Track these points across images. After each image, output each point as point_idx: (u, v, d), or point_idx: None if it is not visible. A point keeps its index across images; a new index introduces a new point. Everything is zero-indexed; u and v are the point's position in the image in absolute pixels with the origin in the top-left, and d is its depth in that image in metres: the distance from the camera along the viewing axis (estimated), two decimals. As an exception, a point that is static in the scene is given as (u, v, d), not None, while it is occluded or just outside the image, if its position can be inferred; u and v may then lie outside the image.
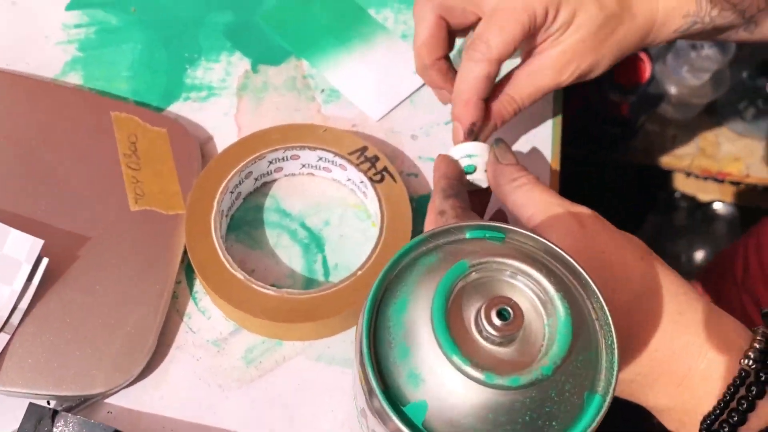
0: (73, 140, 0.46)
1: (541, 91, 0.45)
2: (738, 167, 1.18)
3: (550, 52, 0.44)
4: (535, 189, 0.38)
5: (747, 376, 0.32)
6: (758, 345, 0.32)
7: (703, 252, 1.60)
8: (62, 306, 0.41)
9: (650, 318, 0.34)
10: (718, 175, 1.18)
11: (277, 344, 0.43)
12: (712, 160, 1.18)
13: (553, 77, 0.45)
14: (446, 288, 0.21)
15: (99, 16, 0.55)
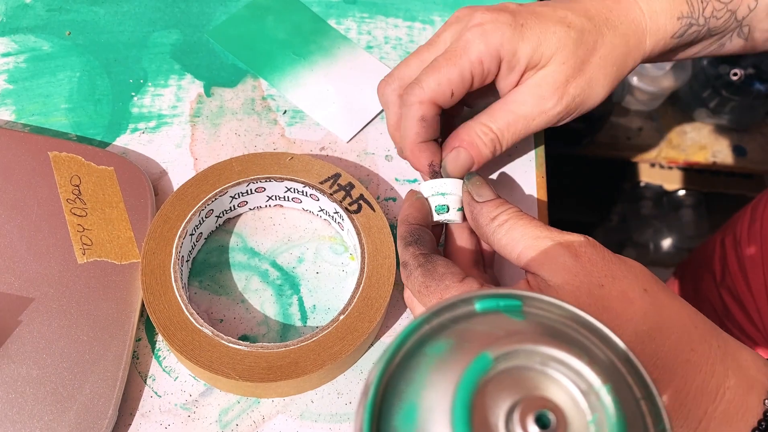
0: (6, 187, 0.41)
1: (522, 120, 0.42)
2: (704, 155, 1.17)
3: (531, 80, 0.42)
4: (518, 224, 0.35)
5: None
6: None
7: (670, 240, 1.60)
8: (3, 382, 0.36)
9: (658, 359, 0.31)
10: (684, 164, 1.17)
11: (254, 402, 0.39)
12: (678, 150, 1.17)
13: (533, 103, 0.41)
14: (468, 390, 0.17)
15: (29, 42, 0.50)
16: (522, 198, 0.47)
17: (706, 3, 0.45)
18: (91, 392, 0.36)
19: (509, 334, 0.18)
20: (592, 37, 0.42)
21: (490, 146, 0.42)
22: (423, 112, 0.41)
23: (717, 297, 0.72)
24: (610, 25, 0.43)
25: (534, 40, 0.41)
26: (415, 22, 0.54)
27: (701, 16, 0.45)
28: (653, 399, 0.19)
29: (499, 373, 0.18)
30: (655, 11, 0.44)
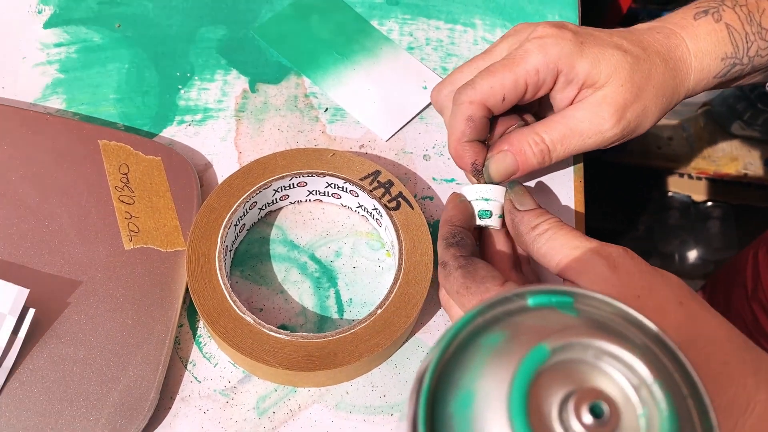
0: (58, 174, 0.42)
1: (577, 135, 0.42)
2: (736, 167, 1.17)
3: (591, 99, 0.42)
4: (559, 234, 0.36)
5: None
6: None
7: (696, 251, 1.59)
8: (52, 361, 0.37)
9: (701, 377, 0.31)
10: (714, 175, 1.16)
11: (291, 391, 0.40)
12: (709, 160, 1.16)
13: (592, 121, 0.42)
14: (526, 379, 0.18)
15: (81, 33, 0.51)
16: (559, 204, 0.47)
17: (751, 43, 0.45)
18: (135, 374, 0.38)
19: (563, 328, 0.19)
20: (646, 66, 0.42)
21: (538, 156, 0.42)
22: (471, 112, 0.41)
23: (748, 310, 0.71)
24: (661, 57, 0.43)
25: (592, 59, 0.41)
26: (456, 24, 0.54)
27: (746, 56, 0.45)
28: (700, 397, 0.19)
29: (553, 365, 0.18)
30: (701, 51, 0.44)
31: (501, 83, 0.41)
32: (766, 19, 0.45)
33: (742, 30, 0.45)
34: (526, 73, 0.41)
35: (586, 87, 0.42)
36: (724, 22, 0.45)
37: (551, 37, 0.41)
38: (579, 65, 0.41)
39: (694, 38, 0.44)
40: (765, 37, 0.45)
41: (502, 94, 0.41)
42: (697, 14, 0.45)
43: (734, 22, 0.45)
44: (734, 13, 0.45)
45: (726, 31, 0.45)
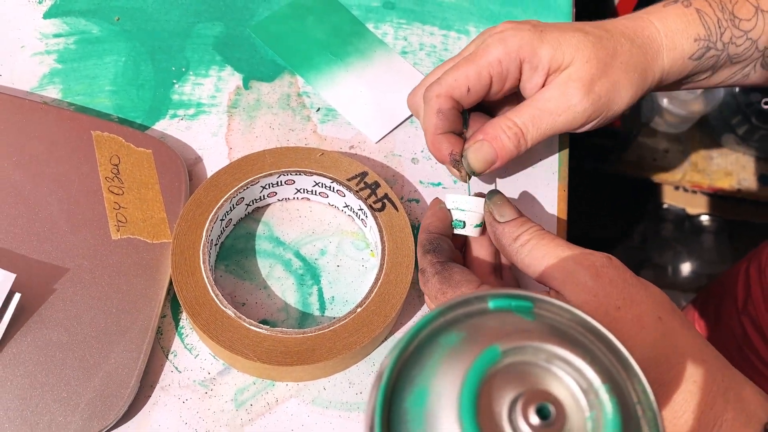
0: (50, 162, 0.43)
1: (546, 113, 0.43)
2: (730, 182, 1.17)
3: (555, 79, 0.43)
4: (541, 243, 0.36)
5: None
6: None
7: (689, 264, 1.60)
8: (35, 345, 0.38)
9: (660, 386, 0.32)
10: (709, 189, 1.17)
11: (269, 385, 0.40)
12: (704, 174, 1.17)
13: (560, 99, 0.42)
14: (476, 379, 0.18)
15: (80, 25, 0.52)
16: (542, 211, 0.48)
17: (724, 29, 0.46)
18: (116, 362, 0.38)
19: (518, 331, 0.20)
20: (610, 44, 0.43)
21: (513, 140, 0.42)
22: (439, 105, 0.43)
23: (738, 324, 0.72)
24: (626, 37, 0.44)
25: (553, 43, 0.42)
26: (450, 31, 0.55)
27: (719, 41, 0.46)
28: (651, 405, 0.20)
29: (506, 366, 0.19)
30: (671, 30, 0.45)
31: (465, 75, 0.42)
32: (739, 9, 0.46)
33: (713, 15, 0.46)
34: (489, 64, 0.42)
35: (552, 72, 0.43)
36: (694, 7, 0.46)
37: (510, 30, 0.43)
38: (541, 51, 0.42)
39: (662, 20, 0.45)
40: (739, 26, 0.46)
41: (466, 86, 0.42)
42: (666, 3, 0.46)
43: (705, 8, 0.46)
44: (705, 1, 0.46)
45: (696, 15, 0.45)
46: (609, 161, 1.17)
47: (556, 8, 0.57)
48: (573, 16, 0.57)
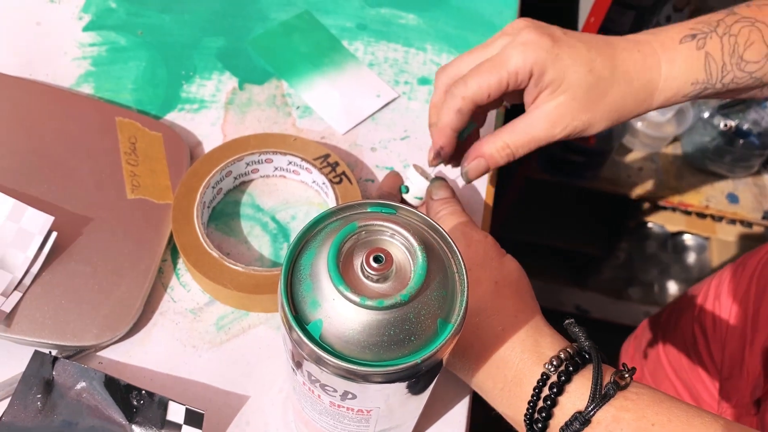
0: (83, 139, 0.55)
1: (535, 141, 0.49)
2: (699, 199, 1.27)
3: (544, 107, 0.48)
4: (449, 217, 0.48)
5: (548, 378, 0.39)
6: (562, 354, 0.39)
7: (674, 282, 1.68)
8: (66, 272, 0.49)
9: (479, 332, 0.42)
10: (679, 205, 1.27)
11: (244, 315, 0.51)
12: (674, 191, 1.27)
13: (546, 129, 0.49)
14: (340, 239, 0.29)
15: (111, 37, 0.65)
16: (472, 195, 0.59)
17: (727, 72, 0.49)
18: (126, 290, 0.50)
19: (376, 219, 0.31)
20: (606, 86, 0.48)
21: (505, 158, 0.51)
22: (461, 105, 0.48)
23: (690, 331, 0.81)
24: (626, 80, 0.48)
25: (560, 70, 0.47)
26: (411, 48, 0.67)
27: (719, 83, 0.49)
28: (461, 269, 0.31)
29: (362, 237, 0.30)
30: (673, 76, 0.48)
31: (488, 84, 0.47)
32: (749, 52, 0.48)
33: (720, 60, 0.48)
34: (508, 74, 0.47)
35: (545, 88, 0.48)
36: (705, 51, 0.48)
37: (532, 45, 0.47)
38: (548, 74, 0.47)
39: (670, 62, 0.49)
40: (743, 69, 0.49)
41: (488, 93, 0.48)
42: (684, 37, 0.49)
43: (715, 52, 0.48)
44: (720, 42, 0.48)
45: (704, 60, 0.48)
46: (585, 177, 1.28)
47: (502, 31, 0.69)
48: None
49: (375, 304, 0.28)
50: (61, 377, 0.45)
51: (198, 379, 0.48)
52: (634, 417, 0.37)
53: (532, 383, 0.40)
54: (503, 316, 0.42)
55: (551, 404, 0.39)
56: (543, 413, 0.39)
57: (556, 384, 0.38)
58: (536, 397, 0.39)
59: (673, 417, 0.37)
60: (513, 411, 0.41)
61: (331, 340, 0.29)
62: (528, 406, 0.39)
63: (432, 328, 0.29)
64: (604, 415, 0.37)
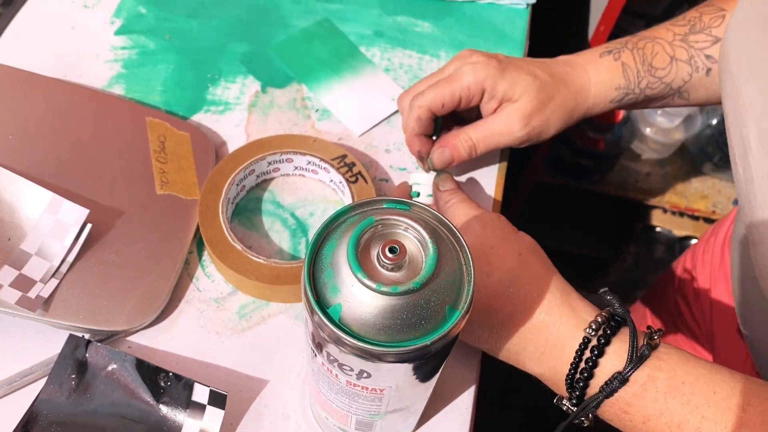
0: (116, 137, 0.59)
1: (494, 135, 0.57)
2: (705, 204, 1.29)
3: (505, 110, 0.57)
4: (460, 205, 0.52)
5: (589, 341, 0.43)
6: (599, 318, 0.43)
7: (683, 286, 1.69)
8: (99, 261, 0.53)
9: (516, 301, 0.45)
10: (686, 210, 1.29)
11: (264, 304, 0.55)
12: (681, 196, 1.29)
13: (506, 126, 0.57)
14: (359, 232, 0.32)
15: (141, 41, 0.68)
16: (482, 191, 0.62)
17: (642, 78, 0.59)
18: (154, 279, 0.53)
19: (391, 214, 0.34)
20: (551, 89, 0.57)
21: (467, 150, 0.57)
22: (420, 114, 0.57)
23: (672, 299, 0.85)
24: (564, 84, 0.58)
25: (510, 81, 0.56)
26: (425, 54, 0.70)
27: (637, 87, 0.59)
28: (468, 261, 0.34)
29: (379, 230, 0.33)
30: (599, 81, 0.59)
31: (442, 95, 0.56)
32: (656, 60, 0.59)
33: (634, 68, 0.59)
34: (461, 88, 0.56)
35: (505, 101, 0.57)
36: (621, 61, 0.59)
37: (481, 64, 0.56)
38: (499, 85, 0.56)
39: (595, 71, 0.59)
40: (654, 74, 0.59)
41: (442, 103, 0.56)
42: (602, 53, 0.60)
43: (629, 61, 0.59)
44: (631, 54, 0.59)
45: (621, 69, 0.59)
46: (592, 181, 1.30)
47: (513, 40, 0.72)
48: (526, 47, 0.72)
49: (389, 290, 0.31)
50: (94, 359, 0.49)
51: (221, 364, 0.52)
52: (666, 376, 0.41)
53: (574, 346, 0.43)
54: (535, 283, 0.45)
55: (593, 365, 0.42)
56: (585, 374, 0.42)
57: (596, 346, 0.42)
58: (578, 359, 0.43)
59: (699, 375, 0.41)
60: (552, 372, 0.44)
61: (349, 323, 0.32)
62: (570, 368, 0.43)
63: (441, 313, 0.32)
64: (640, 375, 0.41)
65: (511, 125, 0.57)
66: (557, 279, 0.47)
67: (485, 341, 0.47)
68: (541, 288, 0.45)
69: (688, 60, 0.59)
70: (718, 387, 0.40)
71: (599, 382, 0.42)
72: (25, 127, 0.57)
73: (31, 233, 0.51)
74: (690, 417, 0.40)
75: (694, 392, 0.40)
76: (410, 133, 0.58)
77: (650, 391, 0.41)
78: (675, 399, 0.40)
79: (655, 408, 0.41)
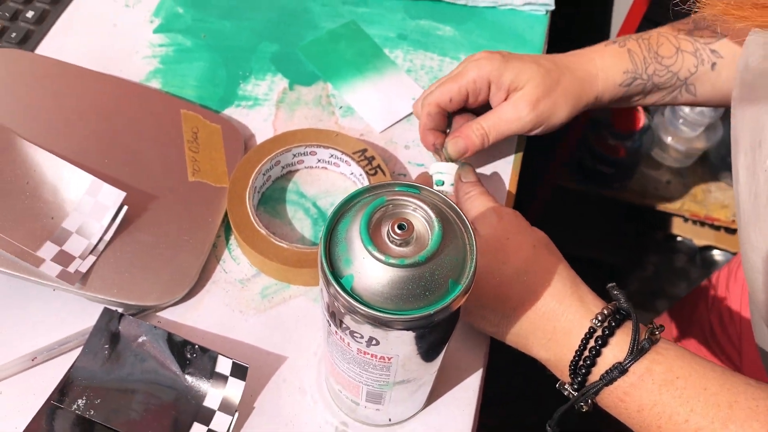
0: (152, 127, 0.63)
1: (504, 122, 0.60)
2: (725, 214, 1.30)
3: (513, 98, 0.60)
4: (479, 198, 0.54)
5: (595, 332, 0.45)
6: (606, 311, 0.46)
7: (704, 297, 1.69)
8: (133, 241, 0.57)
9: (529, 289, 0.48)
10: (706, 219, 1.30)
11: (285, 287, 0.58)
12: (701, 205, 1.30)
13: (514, 112, 0.60)
14: (371, 210, 0.36)
15: (178, 39, 0.73)
16: (497, 185, 0.65)
17: (649, 63, 0.61)
18: (184, 259, 0.57)
19: (402, 195, 0.37)
20: (556, 75, 0.60)
21: (480, 138, 0.60)
22: (429, 110, 0.61)
23: (707, 321, 0.85)
24: (569, 70, 0.61)
25: (515, 71, 0.59)
26: (446, 57, 0.73)
27: (644, 73, 0.62)
28: (471, 240, 0.37)
29: (389, 209, 0.37)
30: (606, 65, 0.61)
31: (449, 90, 0.60)
32: (662, 49, 0.61)
33: (640, 54, 0.61)
34: (466, 83, 0.59)
35: (512, 90, 0.60)
36: (627, 48, 0.62)
37: (484, 59, 0.60)
38: (504, 76, 0.59)
39: (600, 57, 0.62)
40: (661, 62, 0.61)
41: (449, 98, 0.60)
42: (607, 44, 0.63)
43: (635, 48, 0.61)
44: (636, 43, 0.62)
45: (627, 54, 0.61)
46: (612, 188, 1.32)
47: (531, 45, 0.75)
48: (544, 51, 0.75)
49: (397, 262, 0.34)
50: (126, 331, 0.52)
51: (243, 340, 0.55)
52: (662, 369, 0.43)
53: (579, 335, 0.46)
54: (547, 273, 0.48)
55: (596, 354, 0.45)
56: (587, 361, 0.45)
57: (601, 337, 0.45)
58: (583, 347, 0.45)
59: (693, 371, 0.43)
60: (558, 358, 0.47)
61: (360, 292, 0.35)
62: (574, 355, 0.45)
63: (444, 286, 0.35)
64: (638, 366, 0.43)
65: (519, 110, 0.59)
66: (568, 271, 0.49)
67: (496, 325, 0.50)
68: (553, 278, 0.48)
69: (693, 52, 0.61)
70: (709, 383, 0.43)
71: (600, 370, 0.45)
72: (69, 115, 0.61)
73: (73, 213, 0.55)
74: (680, 409, 0.42)
75: (687, 387, 0.43)
76: (423, 128, 0.62)
77: (647, 382, 0.43)
78: (669, 392, 0.43)
79: (650, 399, 0.43)
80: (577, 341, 0.46)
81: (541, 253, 0.49)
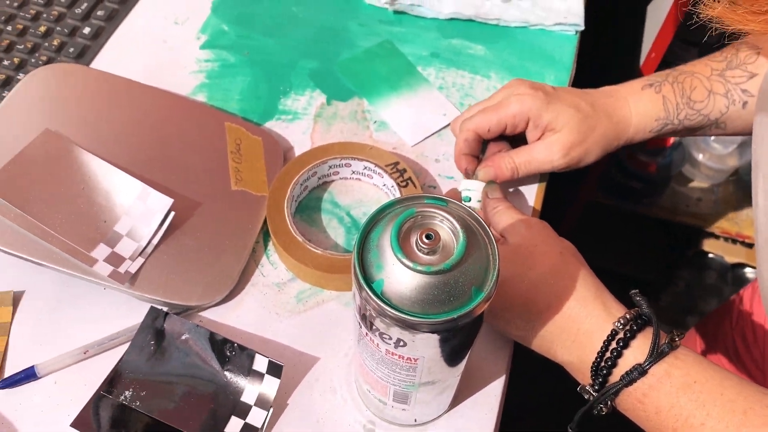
0: (197, 138, 0.67)
1: (535, 161, 0.63)
2: (756, 231, 1.30)
3: (548, 139, 0.63)
4: (506, 212, 0.57)
5: (617, 334, 0.48)
6: (628, 315, 0.48)
7: (735, 314, 1.68)
8: (178, 245, 0.61)
9: (554, 294, 0.50)
10: (737, 236, 1.30)
11: (319, 291, 0.61)
12: (732, 222, 1.30)
13: (546, 154, 0.62)
14: (401, 220, 0.39)
15: (223, 55, 0.77)
16: (522, 201, 0.68)
17: (681, 110, 0.63)
18: (225, 263, 0.61)
19: (430, 207, 0.40)
20: (593, 121, 0.62)
21: (510, 171, 0.63)
22: (467, 136, 0.64)
23: (731, 340, 0.86)
24: (606, 115, 0.63)
25: (554, 113, 0.62)
26: (477, 75, 0.76)
27: (676, 119, 0.64)
28: (494, 251, 0.40)
29: (418, 220, 0.40)
30: (639, 113, 0.63)
31: (488, 120, 0.63)
32: (695, 93, 0.64)
33: (674, 101, 0.64)
34: (506, 116, 0.62)
35: (548, 131, 0.62)
36: (662, 94, 0.64)
37: (528, 95, 0.62)
38: (544, 116, 0.62)
39: (635, 103, 0.64)
40: (693, 107, 0.64)
41: (488, 128, 0.63)
42: (644, 86, 0.64)
43: (669, 94, 0.64)
44: (671, 87, 0.64)
45: (662, 101, 0.64)
46: (643, 204, 1.33)
47: (560, 64, 0.77)
48: (573, 71, 0.77)
49: (424, 269, 0.37)
50: (171, 328, 0.56)
51: (279, 341, 0.58)
52: (681, 374, 0.45)
53: (602, 337, 0.48)
54: (573, 279, 0.51)
55: (617, 355, 0.47)
56: (609, 362, 0.47)
57: (622, 339, 0.47)
58: (605, 349, 0.48)
59: (710, 377, 0.45)
60: (580, 360, 0.49)
61: (390, 296, 0.38)
62: (596, 356, 0.48)
63: (468, 293, 0.38)
64: (658, 369, 0.46)
65: (552, 154, 0.62)
66: (592, 278, 0.52)
67: (522, 328, 0.52)
68: (578, 284, 0.50)
69: (724, 93, 0.63)
70: (726, 390, 0.45)
71: (621, 371, 0.47)
72: (121, 126, 0.66)
73: (124, 217, 0.59)
74: (697, 413, 0.45)
75: (704, 391, 0.45)
76: (458, 152, 0.65)
77: (665, 385, 0.46)
78: (686, 395, 0.45)
79: (668, 401, 0.45)
80: (599, 343, 0.48)
81: (568, 261, 0.52)
